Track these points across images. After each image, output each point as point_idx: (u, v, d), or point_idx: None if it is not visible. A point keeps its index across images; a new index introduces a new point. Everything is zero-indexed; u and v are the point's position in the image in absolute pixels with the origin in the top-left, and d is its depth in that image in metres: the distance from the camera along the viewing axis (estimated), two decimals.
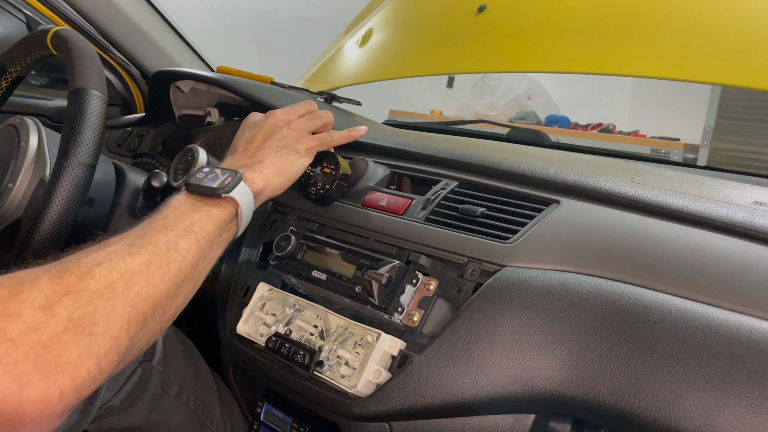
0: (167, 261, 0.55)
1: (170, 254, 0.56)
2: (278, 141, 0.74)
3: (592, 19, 1.10)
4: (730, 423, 0.46)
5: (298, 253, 0.76)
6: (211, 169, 0.66)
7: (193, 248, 0.58)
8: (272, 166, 0.70)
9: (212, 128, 1.21)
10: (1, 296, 0.44)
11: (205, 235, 0.60)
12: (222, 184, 0.63)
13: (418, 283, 0.67)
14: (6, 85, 0.90)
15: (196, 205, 0.62)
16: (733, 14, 0.99)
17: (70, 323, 0.45)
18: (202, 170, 0.65)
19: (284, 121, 0.77)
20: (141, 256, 0.53)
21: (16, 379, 0.42)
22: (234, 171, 0.65)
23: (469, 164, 0.79)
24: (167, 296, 0.55)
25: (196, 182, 0.64)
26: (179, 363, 0.93)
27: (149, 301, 0.52)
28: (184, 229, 0.59)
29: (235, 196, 0.63)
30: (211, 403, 0.94)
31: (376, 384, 0.63)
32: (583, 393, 0.53)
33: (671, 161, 1.61)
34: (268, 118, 0.77)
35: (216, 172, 0.65)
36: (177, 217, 0.60)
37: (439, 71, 2.10)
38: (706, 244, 0.58)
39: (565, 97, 3.63)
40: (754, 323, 0.49)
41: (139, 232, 0.57)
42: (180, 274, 0.56)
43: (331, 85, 1.40)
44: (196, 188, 0.63)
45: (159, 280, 0.54)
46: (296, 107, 0.81)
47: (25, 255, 0.64)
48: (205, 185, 0.63)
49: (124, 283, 0.51)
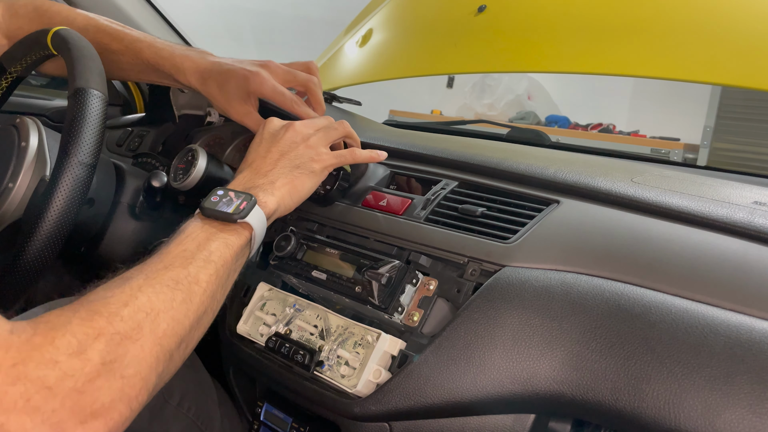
0: (190, 295, 0.56)
1: (192, 288, 0.56)
2: (293, 159, 0.72)
3: (592, 19, 1.10)
4: (730, 423, 0.46)
5: (298, 253, 0.76)
6: (225, 192, 0.65)
7: (212, 279, 0.58)
8: (284, 187, 0.69)
9: (212, 128, 1.21)
10: (37, 343, 0.44)
11: (223, 264, 0.60)
12: (237, 209, 0.62)
13: (418, 283, 0.67)
14: (6, 85, 0.90)
15: (212, 233, 0.62)
16: (733, 14, 0.99)
17: (104, 368, 0.46)
18: (216, 193, 0.65)
19: (302, 137, 0.74)
20: (164, 294, 0.54)
21: (54, 427, 0.42)
22: (248, 195, 0.64)
23: (469, 164, 0.79)
24: (191, 330, 0.56)
25: (211, 206, 0.63)
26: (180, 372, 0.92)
27: (175, 338, 0.53)
28: (203, 260, 0.59)
29: (251, 221, 0.63)
30: (212, 412, 0.94)
31: (376, 384, 0.63)
32: (583, 393, 0.53)
33: (671, 161, 1.61)
34: (287, 131, 0.74)
35: (230, 196, 0.64)
36: (195, 247, 0.60)
37: (439, 71, 2.10)
38: (706, 244, 0.58)
39: (565, 97, 3.63)
40: (754, 323, 0.49)
41: (158, 265, 0.57)
42: (202, 306, 0.57)
43: (331, 85, 1.40)
44: (212, 213, 0.63)
45: (183, 315, 0.55)
46: (316, 121, 0.78)
47: (26, 255, 0.64)
48: (221, 210, 0.62)
49: (150, 322, 0.51)
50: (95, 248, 0.89)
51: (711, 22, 0.99)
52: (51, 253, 0.65)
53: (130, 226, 0.90)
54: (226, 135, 1.18)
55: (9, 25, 0.90)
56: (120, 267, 0.60)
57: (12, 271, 0.64)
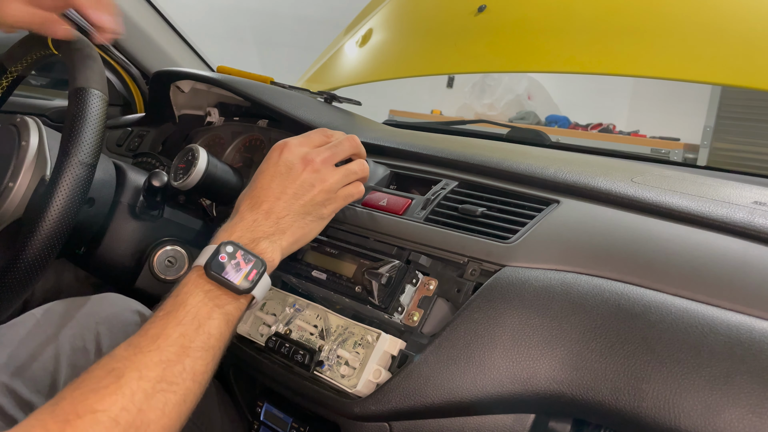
0: (183, 396, 0.53)
1: (186, 385, 0.53)
2: (306, 206, 0.67)
3: (592, 19, 1.10)
4: (730, 423, 0.46)
5: (298, 253, 0.76)
6: (234, 250, 0.60)
7: (209, 367, 0.56)
8: (292, 237, 0.66)
9: (212, 128, 1.21)
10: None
11: (220, 344, 0.57)
12: (245, 280, 0.59)
13: (418, 283, 0.67)
14: (6, 85, 0.90)
15: (214, 306, 0.58)
16: (734, 14, 0.99)
17: None
18: (225, 250, 0.60)
19: (320, 180, 0.68)
20: (157, 399, 0.51)
21: None
22: (259, 259, 0.61)
23: (469, 164, 0.79)
24: (180, 425, 0.53)
25: (217, 271, 0.58)
26: None
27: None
28: (202, 348, 0.55)
29: (256, 294, 0.60)
30: (212, 415, 0.94)
31: (376, 384, 0.63)
32: (583, 393, 0.53)
33: (671, 161, 1.61)
34: (305, 169, 0.68)
35: (238, 258, 0.60)
36: (194, 329, 0.56)
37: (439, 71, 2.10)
38: (706, 244, 0.58)
39: (565, 97, 3.63)
40: (754, 323, 0.49)
41: (155, 358, 0.53)
42: (195, 401, 0.55)
43: (331, 85, 1.40)
44: (217, 279, 0.59)
45: (174, 421, 0.52)
46: (338, 154, 0.71)
47: (26, 255, 0.64)
48: (228, 280, 0.58)
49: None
50: (95, 248, 0.89)
51: (711, 22, 0.99)
52: (51, 253, 0.65)
53: (130, 226, 0.90)
54: (226, 135, 1.18)
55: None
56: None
57: (12, 270, 0.64)
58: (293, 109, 0.98)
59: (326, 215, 0.70)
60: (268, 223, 0.65)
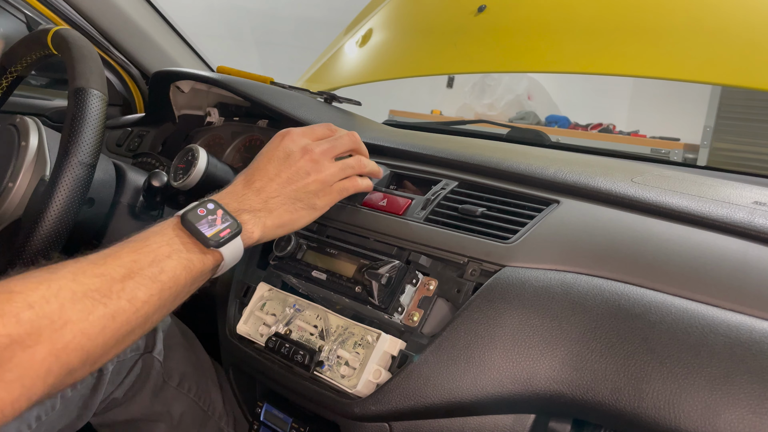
0: (113, 312, 0.51)
1: (120, 304, 0.52)
2: (298, 191, 0.68)
3: (592, 19, 1.10)
4: (730, 423, 0.46)
5: (298, 253, 0.76)
6: (215, 207, 0.61)
7: (153, 300, 0.54)
8: (278, 219, 0.66)
9: (212, 128, 1.21)
10: None
11: (172, 285, 0.56)
12: (216, 235, 0.59)
13: (418, 283, 0.67)
14: (6, 85, 0.90)
15: (177, 249, 0.58)
16: (733, 14, 0.99)
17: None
18: (206, 205, 0.61)
19: (316, 169, 0.69)
20: (83, 303, 0.49)
21: None
22: (236, 222, 0.61)
23: (469, 164, 0.79)
24: (104, 348, 0.51)
25: (192, 220, 0.59)
26: (180, 354, 0.93)
27: (79, 353, 0.49)
28: (149, 277, 0.54)
29: (224, 252, 0.60)
30: (213, 394, 0.94)
31: (376, 384, 0.63)
32: (583, 393, 0.53)
33: (671, 161, 1.61)
34: (302, 157, 0.69)
35: (217, 215, 0.61)
36: (148, 261, 0.55)
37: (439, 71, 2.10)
38: (706, 244, 0.58)
39: (565, 97, 3.63)
40: (754, 323, 0.49)
41: (94, 268, 0.52)
42: (127, 325, 0.52)
43: (331, 85, 1.40)
44: (190, 226, 0.59)
45: (97, 332, 0.50)
46: (337, 147, 0.72)
47: (26, 255, 0.64)
48: (199, 230, 0.59)
49: (52, 331, 0.47)
50: (95, 248, 0.89)
51: (711, 22, 0.99)
52: (50, 253, 0.65)
53: (130, 226, 0.90)
54: (226, 135, 1.18)
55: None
56: (56, 255, 0.57)
57: (11, 270, 0.64)
58: (293, 109, 0.99)
59: (319, 206, 0.70)
60: (257, 199, 0.66)
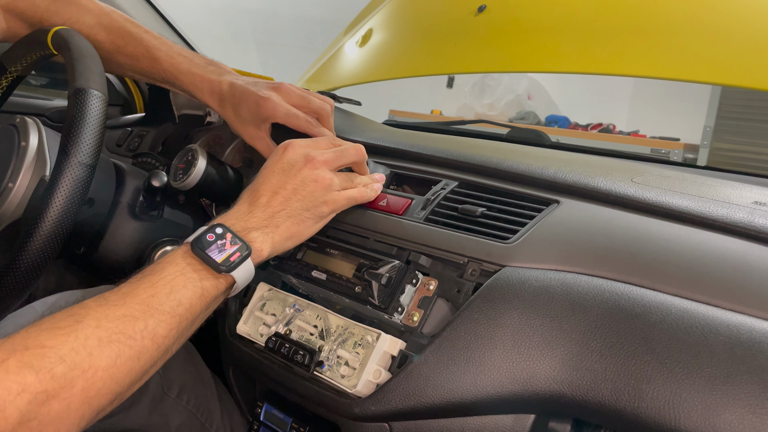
0: (138, 352, 0.52)
1: (144, 343, 0.53)
2: (304, 201, 0.68)
3: (592, 18, 1.10)
4: (730, 423, 0.46)
5: (298, 253, 0.76)
6: (223, 232, 0.62)
7: (172, 333, 0.55)
8: (286, 232, 0.66)
9: (212, 128, 1.21)
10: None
11: (189, 315, 0.57)
12: (227, 260, 0.60)
13: (418, 283, 0.67)
14: (6, 85, 0.90)
15: (191, 278, 0.59)
16: (734, 14, 0.99)
17: (20, 427, 0.44)
18: (214, 230, 0.62)
19: (320, 177, 0.69)
20: (110, 349, 0.50)
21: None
22: (245, 245, 0.62)
23: (469, 164, 0.79)
24: (129, 385, 0.52)
25: (202, 247, 0.60)
26: (179, 364, 0.93)
27: (109, 396, 0.50)
28: (168, 312, 0.55)
29: (236, 276, 0.61)
30: (211, 405, 0.94)
31: (376, 384, 0.63)
32: (583, 393, 0.53)
33: (671, 161, 1.61)
34: (305, 166, 0.69)
35: (226, 240, 0.61)
36: (166, 294, 0.56)
37: (439, 71, 2.10)
38: (706, 244, 0.58)
39: (565, 97, 3.63)
40: (754, 323, 0.49)
41: (116, 311, 0.53)
42: (150, 362, 0.54)
43: (331, 85, 1.40)
44: (200, 254, 0.60)
45: (124, 374, 0.51)
46: (341, 158, 0.72)
47: (26, 255, 0.64)
48: (210, 256, 0.60)
49: (85, 381, 0.48)
50: (95, 248, 0.89)
51: (711, 22, 0.99)
52: (50, 254, 0.65)
53: (130, 226, 0.90)
54: (226, 135, 1.18)
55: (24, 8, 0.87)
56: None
57: (11, 271, 0.64)
58: None
59: (326, 214, 0.71)
60: (264, 215, 0.66)
